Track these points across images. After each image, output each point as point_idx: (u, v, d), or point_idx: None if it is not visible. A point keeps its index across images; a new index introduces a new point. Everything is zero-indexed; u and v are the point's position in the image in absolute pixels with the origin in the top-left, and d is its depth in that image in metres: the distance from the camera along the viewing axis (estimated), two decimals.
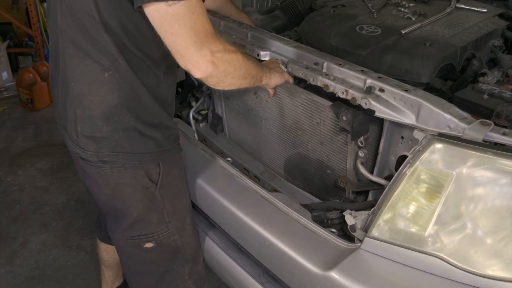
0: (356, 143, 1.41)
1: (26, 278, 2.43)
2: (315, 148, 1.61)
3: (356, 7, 1.91)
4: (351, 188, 1.52)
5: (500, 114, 1.24)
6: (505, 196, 1.11)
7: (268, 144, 1.83)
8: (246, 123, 1.89)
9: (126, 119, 1.30)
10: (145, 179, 1.37)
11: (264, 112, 1.76)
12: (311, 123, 1.58)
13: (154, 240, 1.45)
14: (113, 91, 1.27)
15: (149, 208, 1.41)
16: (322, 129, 1.55)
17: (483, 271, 1.14)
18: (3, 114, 4.18)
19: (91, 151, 1.32)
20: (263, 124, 1.80)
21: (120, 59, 1.25)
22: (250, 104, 1.81)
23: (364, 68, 1.42)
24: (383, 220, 1.25)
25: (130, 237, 1.45)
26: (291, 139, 1.71)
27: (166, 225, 1.44)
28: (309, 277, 1.30)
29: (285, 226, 1.43)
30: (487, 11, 1.82)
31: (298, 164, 1.73)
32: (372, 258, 1.27)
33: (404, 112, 1.28)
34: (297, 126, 1.64)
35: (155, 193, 1.40)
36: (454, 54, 1.54)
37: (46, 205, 2.98)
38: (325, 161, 1.60)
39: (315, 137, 1.59)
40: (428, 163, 1.18)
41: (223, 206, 1.57)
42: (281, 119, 1.71)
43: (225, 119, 2.00)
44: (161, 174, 1.39)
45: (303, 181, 1.74)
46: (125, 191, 1.38)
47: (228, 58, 1.21)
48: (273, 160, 1.84)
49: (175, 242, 1.48)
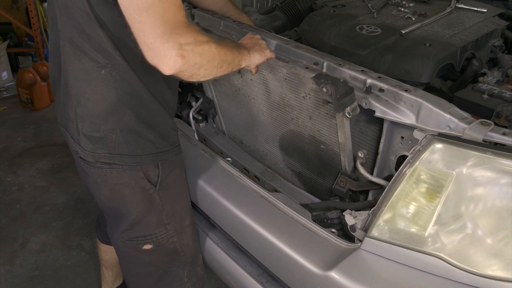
0: (343, 114, 1.34)
1: (26, 278, 2.43)
2: (305, 123, 1.57)
3: (356, 7, 1.91)
4: (351, 188, 1.52)
5: (500, 114, 1.24)
6: (505, 196, 1.11)
7: (260, 124, 1.79)
8: (236, 104, 1.85)
9: (126, 118, 1.29)
10: (144, 180, 1.36)
11: (251, 91, 1.72)
12: (297, 97, 1.53)
13: (152, 242, 1.44)
14: (111, 88, 1.26)
15: (148, 209, 1.40)
16: (308, 103, 1.50)
17: (483, 271, 1.14)
18: (3, 114, 4.18)
19: (88, 150, 1.32)
20: (252, 103, 1.76)
21: (117, 56, 1.23)
22: (236, 84, 1.77)
23: (364, 68, 1.42)
24: (383, 220, 1.25)
25: (129, 239, 1.44)
26: (281, 116, 1.67)
27: (165, 227, 1.44)
28: (309, 277, 1.30)
29: (285, 226, 1.43)
30: (487, 11, 1.82)
31: (292, 142, 1.69)
32: (372, 258, 1.27)
33: (404, 112, 1.28)
34: (284, 102, 1.60)
35: (154, 195, 1.39)
36: (454, 54, 1.54)
37: (46, 205, 2.98)
38: (317, 136, 1.56)
39: (304, 112, 1.54)
40: (428, 163, 1.18)
41: (223, 206, 1.57)
42: (268, 97, 1.67)
43: (216, 102, 1.97)
44: (160, 176, 1.38)
45: (300, 158, 1.71)
46: (124, 192, 1.37)
47: (200, 50, 1.12)
48: (268, 140, 1.81)
49: (174, 244, 1.48)
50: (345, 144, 1.44)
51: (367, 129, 1.51)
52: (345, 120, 1.37)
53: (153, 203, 1.40)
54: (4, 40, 4.84)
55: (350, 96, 1.30)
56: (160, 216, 1.42)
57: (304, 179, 1.74)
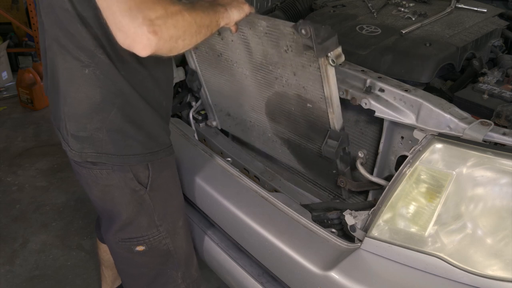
0: (327, 61, 1.26)
1: (26, 278, 2.43)
2: (290, 81, 1.49)
3: (356, 7, 1.91)
4: (351, 188, 1.52)
5: (500, 114, 1.24)
6: (505, 196, 1.11)
7: (245, 90, 1.72)
8: (219, 71, 1.77)
9: (111, 117, 1.26)
10: (134, 181, 1.34)
11: (233, 54, 1.64)
12: (279, 52, 1.44)
13: (145, 244, 1.42)
14: (95, 87, 1.24)
15: (139, 211, 1.39)
16: (291, 57, 1.41)
17: (483, 271, 1.14)
18: (3, 114, 4.18)
19: (75, 150, 1.30)
20: (235, 68, 1.67)
21: (99, 54, 1.21)
22: (218, 49, 1.68)
23: (364, 68, 1.42)
24: (383, 220, 1.25)
25: (121, 240, 1.43)
26: (265, 78, 1.58)
27: (157, 228, 1.42)
28: (309, 277, 1.30)
29: (285, 226, 1.43)
30: (487, 11, 1.82)
31: (278, 105, 1.62)
32: (372, 258, 1.27)
33: (404, 112, 1.28)
34: (267, 60, 1.51)
35: (144, 196, 1.37)
36: (454, 54, 1.54)
37: (46, 205, 2.98)
38: (302, 94, 1.47)
39: (287, 68, 1.46)
40: (428, 163, 1.18)
41: (223, 206, 1.57)
42: (250, 58, 1.58)
43: (200, 73, 1.88)
44: (151, 177, 1.36)
45: (287, 123, 1.64)
46: (114, 193, 1.35)
47: (173, 22, 1.05)
48: (255, 108, 1.74)
49: (167, 246, 1.46)
50: (332, 98, 1.36)
51: (367, 129, 1.52)
52: (329, 69, 1.29)
53: (144, 204, 1.38)
54: (4, 40, 4.84)
55: (333, 39, 1.22)
56: (152, 218, 1.40)
57: (293, 146, 1.68)
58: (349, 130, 1.57)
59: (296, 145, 1.66)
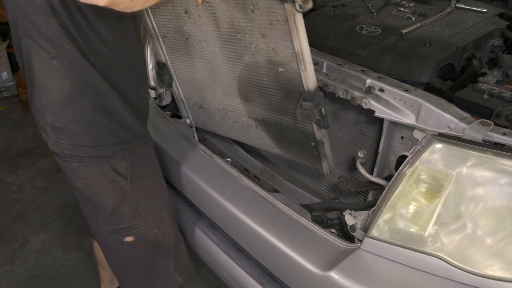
0: (294, 8, 1.19)
1: (26, 278, 2.43)
2: (260, 45, 1.42)
3: (356, 7, 1.91)
4: (351, 189, 1.52)
5: (500, 114, 1.24)
6: (505, 196, 1.11)
7: (216, 72, 1.66)
8: (190, 57, 1.72)
9: (83, 108, 1.27)
10: (112, 173, 1.34)
11: (201, 32, 1.58)
12: (246, 14, 1.38)
13: (133, 234, 1.43)
14: (64, 79, 1.24)
15: (122, 201, 1.39)
16: (258, 16, 1.35)
17: (483, 271, 1.14)
18: (3, 114, 4.18)
19: (53, 140, 1.32)
20: (205, 48, 1.62)
21: (66, 44, 1.21)
22: (186, 31, 1.64)
23: (364, 68, 1.42)
24: (383, 220, 1.25)
25: (111, 231, 1.44)
26: (235, 50, 1.52)
27: (143, 219, 1.43)
28: (308, 277, 1.30)
29: (284, 226, 1.43)
30: (487, 11, 1.82)
31: (251, 78, 1.55)
32: (372, 258, 1.27)
33: (404, 112, 1.28)
34: (235, 28, 1.45)
35: (125, 187, 1.37)
36: (454, 54, 1.54)
37: (46, 205, 2.98)
38: (273, 57, 1.40)
39: (255, 31, 1.39)
40: (428, 163, 1.18)
41: (223, 206, 1.57)
42: (218, 31, 1.52)
43: (170, 64, 1.83)
44: (130, 168, 1.36)
45: (261, 101, 1.57)
46: (95, 185, 1.37)
47: None
48: (227, 91, 1.67)
49: (155, 236, 1.47)
50: (303, 52, 1.28)
51: (367, 129, 1.52)
52: (297, 18, 1.22)
53: (126, 195, 1.39)
54: (4, 40, 4.84)
55: None
56: (136, 208, 1.41)
57: (269, 126, 1.62)
58: (349, 130, 1.58)
59: (272, 123, 1.60)
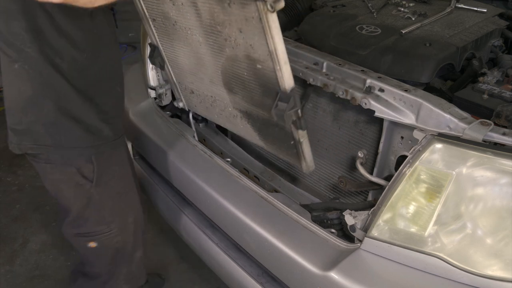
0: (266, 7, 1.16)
1: (26, 278, 2.42)
2: (238, 40, 1.37)
3: (356, 7, 1.91)
4: (351, 189, 1.52)
5: (500, 114, 1.24)
6: (505, 196, 1.11)
7: (202, 60, 1.60)
8: (178, 42, 1.67)
9: (45, 111, 1.25)
10: (78, 176, 1.32)
11: (185, 20, 1.52)
12: (224, 8, 1.32)
13: (97, 240, 1.41)
14: (25, 82, 1.23)
15: (87, 205, 1.37)
16: (234, 10, 1.29)
17: (483, 271, 1.14)
18: (3, 114, 4.18)
19: (14, 143, 1.31)
20: (190, 36, 1.56)
21: (27, 48, 1.19)
22: (172, 17, 1.57)
23: (364, 68, 1.42)
24: (383, 220, 1.25)
25: (76, 234, 1.43)
26: (216, 41, 1.46)
27: (108, 225, 1.41)
28: (308, 277, 1.30)
29: (284, 226, 1.43)
30: (487, 11, 1.82)
31: (232, 72, 1.50)
32: (371, 258, 1.27)
33: (404, 112, 1.28)
34: (214, 20, 1.40)
35: (91, 190, 1.35)
36: (454, 54, 1.54)
37: (46, 205, 2.97)
38: (251, 53, 1.34)
39: (233, 25, 1.34)
40: (428, 163, 1.18)
41: (223, 206, 1.57)
42: (200, 21, 1.46)
43: (161, 48, 1.76)
44: (96, 172, 1.33)
45: (243, 93, 1.51)
46: (61, 187, 1.36)
47: None
48: (213, 80, 1.62)
49: (118, 244, 1.45)
50: (277, 52, 1.23)
51: (367, 129, 1.51)
52: (270, 17, 1.17)
53: (92, 199, 1.36)
54: None
55: None
56: (102, 213, 1.39)
57: (253, 119, 1.55)
58: (349, 130, 1.57)
59: (255, 117, 1.55)
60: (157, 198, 2.02)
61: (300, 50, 1.54)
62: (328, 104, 1.60)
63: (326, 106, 1.61)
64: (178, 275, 2.37)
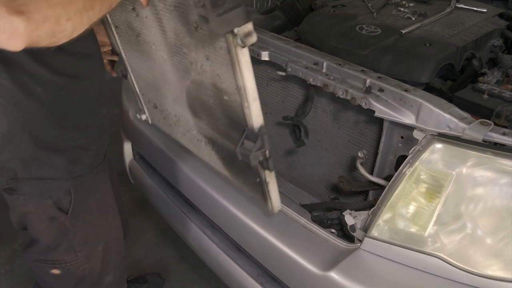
0: (235, 43, 0.99)
1: (26, 278, 2.42)
2: (205, 67, 1.24)
3: (356, 7, 1.91)
4: (350, 189, 1.52)
5: (500, 114, 1.24)
6: (505, 196, 1.11)
7: (166, 78, 1.48)
8: (141, 55, 1.54)
9: (23, 147, 1.16)
10: (53, 209, 1.24)
11: (149, 34, 1.40)
12: (190, 30, 1.20)
13: (61, 268, 1.34)
14: (1, 116, 1.13)
15: (58, 237, 1.30)
16: (201, 36, 1.16)
17: (483, 271, 1.14)
18: None
19: None
20: (154, 51, 1.44)
21: (2, 79, 1.08)
22: (136, 28, 1.45)
23: (364, 68, 1.42)
24: (383, 220, 1.25)
25: (37, 260, 1.35)
26: (182, 62, 1.34)
27: (75, 254, 1.33)
28: (308, 277, 1.30)
29: (284, 226, 1.43)
30: (487, 11, 1.82)
31: (198, 96, 1.38)
32: (371, 258, 1.27)
33: (403, 112, 1.28)
34: (180, 41, 1.28)
35: (64, 222, 1.27)
36: (454, 54, 1.54)
37: None
38: (218, 83, 1.21)
39: (200, 50, 1.21)
40: (428, 163, 1.18)
41: (223, 206, 1.57)
42: (165, 38, 1.34)
43: (124, 57, 1.62)
44: (73, 203, 1.25)
45: (209, 119, 1.39)
46: (32, 219, 1.28)
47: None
48: (177, 100, 1.49)
49: (83, 272, 1.38)
50: (246, 89, 1.09)
51: (367, 129, 1.51)
52: (240, 52, 1.02)
53: (63, 230, 1.29)
54: None
55: (238, 11, 0.92)
56: (71, 243, 1.31)
57: (218, 147, 1.42)
58: (349, 130, 1.57)
59: (220, 146, 1.41)
60: (157, 198, 2.02)
61: (300, 50, 1.54)
62: (328, 104, 1.60)
63: (326, 106, 1.61)
64: (178, 275, 2.37)
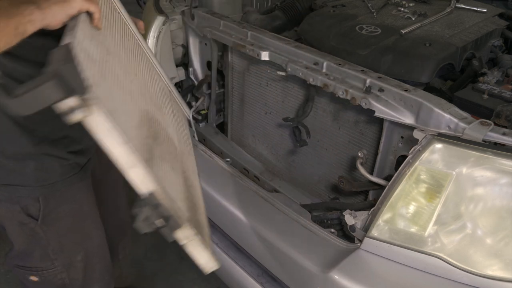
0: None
1: None
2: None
3: (356, 7, 1.91)
4: (350, 189, 1.52)
5: (500, 114, 1.24)
6: (505, 196, 1.11)
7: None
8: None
9: None
10: (22, 215, 1.24)
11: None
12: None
13: (38, 275, 1.34)
14: None
15: (30, 243, 1.30)
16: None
17: (483, 271, 1.14)
18: None
19: None
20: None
21: None
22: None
23: (364, 68, 1.42)
24: (383, 220, 1.25)
25: (16, 266, 1.36)
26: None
27: (51, 262, 1.33)
28: (308, 277, 1.30)
29: (284, 227, 1.43)
30: (487, 11, 1.82)
31: None
32: (371, 258, 1.27)
33: (403, 112, 1.28)
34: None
35: (35, 228, 1.27)
36: (454, 54, 1.54)
37: None
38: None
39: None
40: (428, 163, 1.18)
41: (223, 206, 1.57)
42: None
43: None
44: (42, 211, 1.25)
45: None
46: (5, 222, 1.29)
47: None
48: None
49: (63, 280, 1.37)
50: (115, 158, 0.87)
51: (367, 129, 1.51)
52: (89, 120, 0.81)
53: (36, 237, 1.29)
54: None
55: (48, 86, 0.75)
56: (45, 251, 1.32)
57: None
58: (349, 130, 1.57)
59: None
60: None
61: (300, 50, 1.54)
62: (328, 104, 1.60)
63: (326, 106, 1.61)
64: (178, 275, 2.37)
